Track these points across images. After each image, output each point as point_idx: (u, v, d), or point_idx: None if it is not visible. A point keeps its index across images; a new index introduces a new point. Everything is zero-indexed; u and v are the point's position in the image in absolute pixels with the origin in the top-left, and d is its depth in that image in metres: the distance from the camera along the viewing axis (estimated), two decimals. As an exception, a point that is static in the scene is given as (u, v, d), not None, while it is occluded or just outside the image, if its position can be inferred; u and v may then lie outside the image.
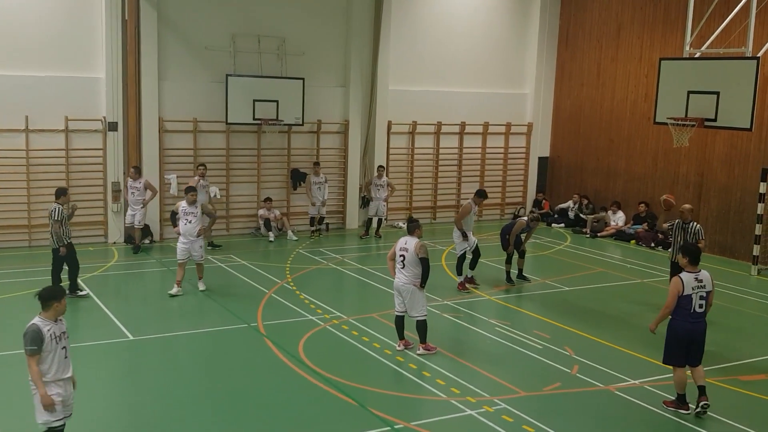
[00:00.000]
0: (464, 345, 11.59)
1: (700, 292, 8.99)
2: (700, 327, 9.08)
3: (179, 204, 13.98)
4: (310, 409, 9.03)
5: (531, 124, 23.18)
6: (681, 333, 9.01)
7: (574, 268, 16.93)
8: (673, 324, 9.09)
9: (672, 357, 9.18)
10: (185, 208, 13.78)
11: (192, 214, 13.74)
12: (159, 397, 9.31)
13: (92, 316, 12.40)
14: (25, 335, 6.78)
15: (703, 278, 9.05)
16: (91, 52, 17.26)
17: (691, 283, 8.98)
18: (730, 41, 15.09)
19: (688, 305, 8.96)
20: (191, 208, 13.80)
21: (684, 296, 8.95)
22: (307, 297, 13.65)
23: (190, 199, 13.83)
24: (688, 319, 8.99)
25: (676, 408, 9.21)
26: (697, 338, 9.08)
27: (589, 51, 22.11)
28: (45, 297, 6.98)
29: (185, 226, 13.69)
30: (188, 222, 13.69)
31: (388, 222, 20.74)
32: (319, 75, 19.70)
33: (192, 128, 18.46)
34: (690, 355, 9.12)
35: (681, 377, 9.18)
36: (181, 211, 13.75)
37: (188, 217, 13.71)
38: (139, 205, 17.00)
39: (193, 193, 13.88)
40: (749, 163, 17.92)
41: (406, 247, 10.71)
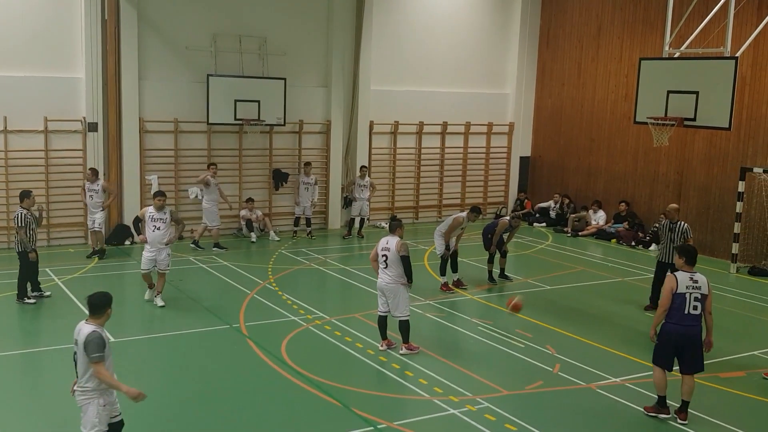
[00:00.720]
0: (447, 344, 11.62)
1: (694, 293, 8.76)
2: (693, 331, 8.79)
3: (145, 210, 13.06)
4: (293, 410, 9.01)
5: (512, 124, 23.28)
6: (672, 335, 8.80)
7: (556, 267, 17.02)
8: (666, 326, 8.89)
9: (659, 358, 9.03)
10: (152, 213, 12.78)
11: (161, 220, 12.76)
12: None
13: (73, 318, 12.18)
14: (89, 343, 6.61)
15: (698, 280, 8.85)
16: (71, 52, 17.12)
17: (685, 281, 8.80)
18: (708, 41, 15.24)
19: (681, 305, 8.75)
20: (159, 213, 12.79)
21: (678, 294, 8.75)
22: (290, 297, 13.62)
23: (157, 204, 12.80)
24: (680, 321, 8.76)
25: (657, 412, 9.08)
26: (691, 342, 8.80)
27: (569, 51, 22.24)
28: (99, 304, 6.88)
29: (153, 233, 12.70)
30: (156, 229, 12.72)
31: (370, 222, 20.74)
32: (301, 75, 19.67)
33: (173, 128, 18.36)
34: (682, 361, 8.89)
35: (660, 378, 9.02)
36: (148, 218, 12.78)
37: (156, 223, 12.74)
38: (99, 208, 16.20)
39: (161, 197, 12.89)
40: (728, 162, 18.10)
41: (387, 247, 10.73)
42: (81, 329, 6.77)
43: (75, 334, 6.81)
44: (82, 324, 6.84)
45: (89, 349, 6.61)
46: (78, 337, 6.74)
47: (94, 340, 6.63)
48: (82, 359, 6.69)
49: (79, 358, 6.72)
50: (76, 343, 6.76)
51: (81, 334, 6.72)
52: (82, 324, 6.84)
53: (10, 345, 11.00)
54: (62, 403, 9.07)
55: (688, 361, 8.88)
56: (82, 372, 6.71)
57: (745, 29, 16.22)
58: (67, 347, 10.63)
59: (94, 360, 6.61)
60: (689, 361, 8.88)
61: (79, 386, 6.77)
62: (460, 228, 14.60)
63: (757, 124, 17.50)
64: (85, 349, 6.61)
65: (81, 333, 6.73)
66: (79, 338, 6.73)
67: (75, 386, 6.84)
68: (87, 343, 6.62)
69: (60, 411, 8.87)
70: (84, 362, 6.67)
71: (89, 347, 6.61)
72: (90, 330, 6.69)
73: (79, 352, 6.68)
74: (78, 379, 6.78)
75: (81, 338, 6.68)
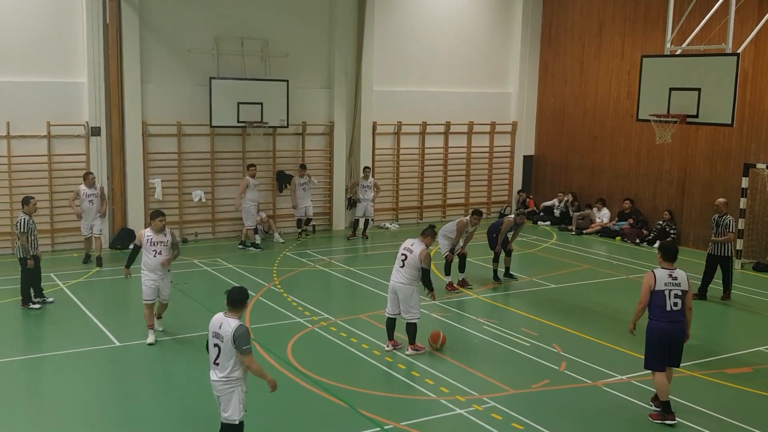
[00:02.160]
0: (453, 344, 11.60)
1: (674, 290, 8.74)
2: (677, 327, 8.81)
3: (141, 233, 11.26)
4: (300, 412, 9.02)
5: (515, 123, 23.27)
6: (658, 333, 8.80)
7: (561, 266, 17.01)
8: (650, 324, 8.87)
9: (651, 360, 8.95)
10: (151, 236, 11.02)
11: (161, 243, 11.01)
12: (147, 403, 9.26)
13: (77, 323, 12.30)
14: (240, 337, 6.99)
15: (678, 276, 8.81)
16: (73, 57, 17.14)
17: (664, 278, 8.77)
18: (710, 38, 15.22)
19: (661, 302, 8.74)
20: (159, 236, 11.02)
21: (656, 292, 8.73)
22: (295, 299, 13.62)
23: (158, 225, 11.03)
24: (663, 318, 8.75)
25: (663, 419, 8.87)
26: (676, 338, 8.82)
27: (571, 49, 22.23)
28: (237, 299, 7.21)
29: (154, 258, 10.99)
30: (157, 254, 10.99)
31: (375, 223, 20.74)
32: (304, 76, 19.68)
33: (176, 132, 18.37)
34: (669, 356, 8.91)
35: (662, 382, 8.90)
36: (146, 242, 11.01)
37: (156, 247, 10.99)
38: (98, 213, 16.11)
39: (162, 217, 11.13)
40: (731, 159, 18.08)
41: (411, 249, 10.74)
42: (223, 323, 7.11)
43: (214, 327, 7.18)
44: (222, 317, 7.17)
45: (240, 342, 7.00)
46: (220, 331, 7.10)
47: (243, 333, 7.03)
48: (228, 351, 7.04)
49: (225, 351, 7.06)
50: (216, 335, 7.13)
51: (225, 327, 7.07)
52: (222, 317, 7.17)
53: (14, 351, 11.01)
54: (66, 408, 9.11)
55: (673, 355, 8.94)
56: (227, 362, 7.07)
57: (747, 25, 16.19)
58: (65, 352, 10.77)
59: (246, 352, 7.04)
60: (673, 356, 8.94)
61: (223, 376, 7.11)
62: (466, 231, 14.63)
63: (759, 120, 17.47)
64: (235, 343, 6.99)
65: (225, 327, 7.08)
66: (222, 331, 7.08)
67: (217, 376, 7.16)
68: (237, 337, 6.99)
69: (64, 416, 8.89)
70: (230, 354, 7.04)
71: (240, 340, 7.00)
72: (237, 324, 7.07)
73: (227, 344, 7.03)
74: (220, 370, 7.12)
75: (227, 332, 7.03)
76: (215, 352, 7.16)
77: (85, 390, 9.65)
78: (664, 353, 8.86)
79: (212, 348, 7.20)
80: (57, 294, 13.67)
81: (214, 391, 7.29)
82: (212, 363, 7.22)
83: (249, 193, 17.90)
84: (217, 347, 7.13)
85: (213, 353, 7.20)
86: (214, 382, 7.23)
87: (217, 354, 7.13)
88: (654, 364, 8.93)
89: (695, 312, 8.68)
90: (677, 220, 19.32)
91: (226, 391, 7.18)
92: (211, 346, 7.23)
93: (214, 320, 7.25)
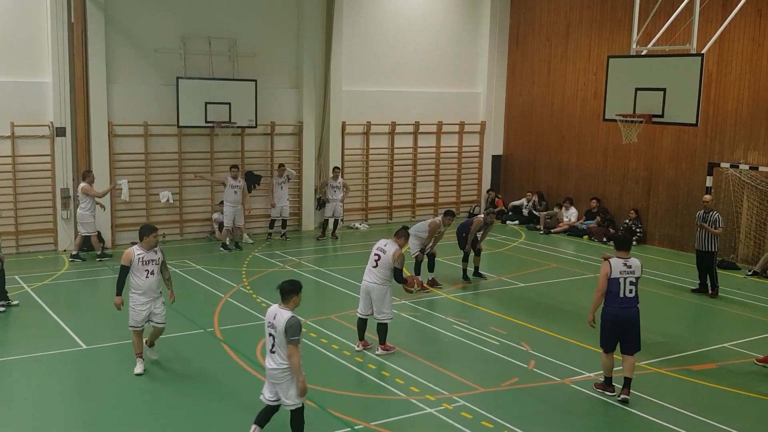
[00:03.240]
0: (423, 343, 11.64)
1: (629, 278, 9.27)
2: (630, 313, 9.32)
3: (130, 252, 9.82)
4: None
5: (484, 123, 23.40)
6: (612, 319, 9.36)
7: (529, 265, 17.14)
8: (605, 310, 9.45)
9: (603, 342, 9.54)
10: (142, 255, 9.79)
11: (153, 262, 9.86)
12: (114, 406, 9.15)
13: (43, 326, 12.11)
14: (291, 327, 7.37)
15: (632, 264, 9.34)
16: (37, 56, 16.87)
17: (619, 267, 9.29)
18: (675, 38, 15.45)
19: (616, 289, 9.25)
20: (151, 254, 9.87)
21: (612, 279, 9.25)
22: (264, 300, 13.54)
23: (151, 241, 9.85)
24: (618, 304, 9.28)
25: (603, 389, 9.61)
26: (629, 324, 9.34)
27: (539, 49, 22.41)
28: (289, 290, 7.61)
29: (146, 280, 9.83)
30: (150, 274, 9.83)
31: (344, 223, 20.71)
32: (272, 76, 19.59)
33: (143, 132, 18.18)
34: (623, 341, 9.41)
35: (607, 362, 9.55)
36: (137, 261, 9.77)
37: (149, 266, 9.82)
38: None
39: (155, 233, 9.94)
40: (696, 158, 18.36)
41: (384, 249, 10.76)
42: (277, 314, 7.52)
43: (269, 318, 7.58)
44: (277, 309, 7.58)
45: (291, 332, 7.38)
46: (274, 321, 7.51)
47: (294, 324, 7.41)
48: (281, 341, 7.46)
49: (279, 340, 7.48)
50: (270, 325, 7.54)
51: (279, 318, 7.47)
52: (277, 309, 7.58)
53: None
54: (32, 412, 8.97)
55: (629, 341, 9.39)
56: (282, 352, 7.48)
57: (711, 26, 16.48)
58: (31, 356, 10.61)
59: (294, 342, 7.40)
60: (629, 342, 9.40)
61: (281, 363, 7.51)
62: (438, 231, 14.68)
63: (723, 119, 17.77)
64: (286, 333, 7.37)
65: (279, 317, 7.48)
66: (275, 322, 7.49)
67: (274, 364, 7.55)
68: (289, 327, 7.37)
69: (29, 420, 8.76)
70: (283, 344, 7.45)
71: (291, 331, 7.38)
72: (290, 315, 7.46)
73: (280, 335, 7.44)
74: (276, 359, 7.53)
75: (280, 322, 7.43)
76: (270, 342, 7.58)
77: (51, 393, 9.50)
78: (616, 337, 9.42)
79: (267, 338, 7.61)
80: (22, 297, 13.45)
81: (270, 379, 7.66)
82: (268, 352, 7.62)
83: (226, 193, 17.76)
84: (271, 337, 7.55)
85: (268, 343, 7.61)
86: (271, 371, 7.61)
87: (272, 343, 7.56)
88: (603, 345, 9.56)
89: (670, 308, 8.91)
90: (643, 219, 19.58)
91: (284, 379, 7.58)
92: (266, 336, 7.64)
93: (269, 311, 7.65)
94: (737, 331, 12.60)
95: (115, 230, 17.98)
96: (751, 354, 11.23)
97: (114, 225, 17.92)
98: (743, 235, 17.39)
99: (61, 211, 17.28)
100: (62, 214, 17.30)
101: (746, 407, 9.51)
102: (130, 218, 18.16)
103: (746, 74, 17.27)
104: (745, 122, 17.36)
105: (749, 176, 17.09)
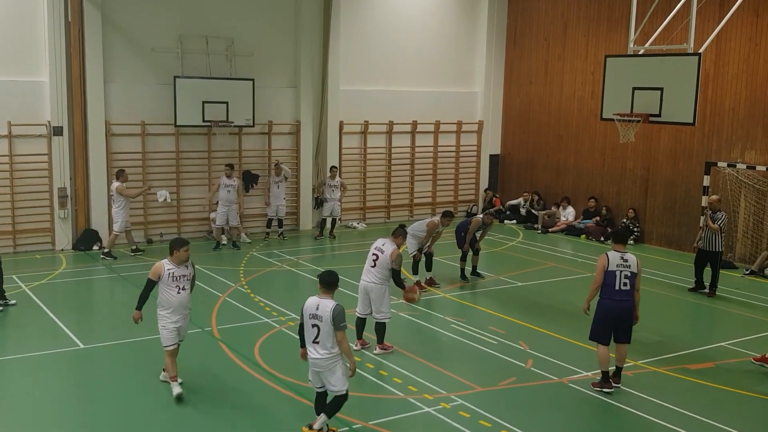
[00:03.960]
0: (420, 343, 11.65)
1: (624, 271, 9.48)
2: (624, 305, 9.52)
3: (160, 266, 9.08)
4: (268, 412, 8.98)
5: (481, 122, 23.41)
6: (606, 310, 9.54)
7: (527, 264, 17.15)
8: (600, 302, 9.65)
9: (596, 334, 9.70)
10: (173, 270, 9.09)
11: (184, 277, 9.20)
12: (112, 406, 9.13)
13: (40, 325, 12.10)
14: (338, 314, 7.83)
15: (628, 259, 9.55)
16: (34, 56, 16.84)
17: (616, 260, 9.51)
18: (672, 38, 15.46)
19: (612, 282, 9.47)
20: (182, 269, 9.18)
21: (609, 272, 9.48)
22: (262, 299, 13.55)
23: (182, 255, 9.09)
24: (612, 296, 9.49)
25: (601, 387, 9.65)
26: (622, 316, 9.53)
27: (536, 49, 22.42)
28: (330, 281, 8.08)
29: (178, 296, 9.11)
30: (181, 290, 9.15)
31: (342, 222, 20.71)
32: (269, 76, 19.58)
33: (140, 131, 18.16)
34: (616, 332, 9.61)
35: (604, 354, 9.64)
36: (167, 276, 9.06)
37: (180, 282, 9.13)
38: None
39: (186, 246, 9.19)
40: (693, 157, 18.38)
41: (382, 249, 10.78)
42: (320, 304, 7.90)
43: (311, 309, 7.93)
44: (318, 299, 7.95)
45: (338, 319, 7.83)
46: (318, 312, 7.88)
47: (340, 311, 7.87)
48: (328, 330, 7.84)
49: (325, 329, 7.85)
50: (314, 316, 7.88)
51: (323, 308, 7.87)
52: (318, 299, 7.95)
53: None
54: (29, 412, 8.96)
55: (621, 332, 9.62)
56: (327, 340, 7.88)
57: (708, 25, 16.48)
58: (28, 355, 10.59)
59: (342, 328, 7.86)
60: (622, 333, 9.62)
61: (326, 353, 7.90)
62: (436, 231, 14.69)
63: (720, 119, 17.79)
64: (334, 320, 7.81)
65: (323, 307, 7.88)
66: (320, 312, 7.86)
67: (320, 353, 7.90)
68: (336, 315, 7.82)
69: (27, 420, 8.75)
70: (330, 332, 7.85)
71: (338, 318, 7.83)
72: (334, 304, 7.89)
73: (326, 323, 7.83)
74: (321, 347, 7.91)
75: (326, 311, 7.83)
76: (314, 332, 7.91)
77: (48, 393, 9.49)
78: (610, 329, 9.60)
79: (310, 329, 7.94)
80: (19, 296, 13.43)
81: (314, 368, 8.00)
82: (311, 342, 7.94)
83: (220, 192, 17.74)
84: (316, 327, 7.88)
85: (311, 333, 7.93)
86: (316, 360, 7.95)
87: (317, 333, 7.89)
88: (598, 337, 9.69)
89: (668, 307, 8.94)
90: (641, 218, 19.60)
91: (330, 366, 7.95)
92: (308, 327, 7.96)
93: (309, 304, 7.98)
94: (734, 330, 12.62)
95: (112, 230, 17.93)
96: (749, 353, 11.25)
97: (110, 224, 17.88)
98: (740, 234, 17.41)
99: (59, 210, 17.26)
100: (59, 214, 17.28)
101: (743, 406, 9.53)
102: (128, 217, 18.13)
103: (743, 74, 17.30)
104: (742, 121, 17.39)
105: (746, 175, 17.11)
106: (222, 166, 18.50)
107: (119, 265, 16.12)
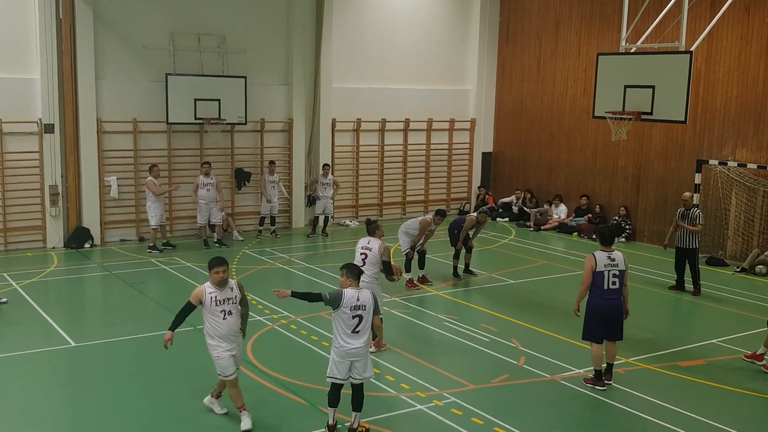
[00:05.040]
0: (413, 340, 11.65)
1: (612, 270, 9.54)
2: (614, 303, 9.61)
3: (201, 291, 8.29)
4: (260, 410, 8.95)
5: (474, 120, 23.43)
6: (596, 309, 9.61)
7: (519, 261, 17.18)
8: (590, 301, 9.69)
9: (589, 333, 9.77)
10: (215, 293, 8.24)
11: (230, 301, 8.34)
12: (104, 404, 9.11)
13: (32, 323, 12.06)
14: (375, 300, 8.33)
15: (615, 257, 9.61)
16: (25, 52, 16.77)
17: (603, 260, 9.57)
18: (664, 36, 15.52)
19: (600, 282, 9.53)
20: (226, 291, 8.32)
21: (597, 272, 9.54)
22: (255, 297, 13.52)
23: (222, 277, 8.22)
24: (602, 296, 9.56)
25: (594, 384, 9.72)
26: (613, 313, 9.61)
27: (529, 47, 22.45)
28: (360, 271, 8.44)
29: (223, 321, 8.27)
30: (227, 314, 8.29)
31: (334, 220, 20.70)
32: (262, 73, 19.54)
33: (132, 129, 18.10)
34: (607, 330, 9.68)
35: (597, 353, 9.71)
36: (209, 301, 8.23)
37: (225, 306, 8.28)
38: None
39: (223, 267, 8.24)
40: (684, 155, 18.45)
41: (369, 247, 10.81)
42: (359, 294, 8.13)
43: (352, 301, 8.06)
44: (355, 290, 8.15)
45: (377, 305, 8.47)
46: (360, 302, 8.10)
47: (377, 300, 8.44)
48: (369, 317, 8.21)
49: (367, 317, 8.16)
50: (357, 307, 8.08)
51: (363, 297, 8.15)
52: (355, 290, 8.15)
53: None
54: (21, 410, 8.93)
55: (612, 330, 9.71)
56: (367, 329, 8.21)
57: (699, 24, 16.53)
58: (19, 354, 10.55)
59: (378, 312, 8.74)
60: (612, 330, 9.72)
61: (365, 340, 8.20)
62: (429, 230, 14.70)
63: (712, 116, 17.86)
64: (376, 307, 8.35)
65: (363, 296, 8.15)
66: (362, 302, 8.12)
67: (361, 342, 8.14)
68: (375, 302, 8.32)
69: (18, 418, 8.72)
70: (370, 319, 8.25)
71: (378, 304, 8.49)
72: (370, 292, 8.31)
73: (369, 311, 8.16)
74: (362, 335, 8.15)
75: (367, 300, 8.15)
76: (355, 323, 8.09)
77: (40, 391, 9.47)
78: (601, 327, 9.66)
79: (352, 320, 8.07)
80: (11, 294, 13.38)
81: (352, 357, 8.10)
82: (350, 333, 8.09)
83: (200, 191, 17.61)
84: (358, 317, 8.08)
85: (351, 324, 8.08)
86: (357, 349, 8.10)
87: (358, 322, 8.09)
88: (591, 336, 9.77)
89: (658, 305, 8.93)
90: (632, 215, 19.66)
91: (366, 354, 8.25)
92: (347, 320, 8.07)
93: (349, 296, 8.06)
94: (725, 327, 12.67)
95: (104, 228, 17.90)
96: (740, 350, 11.30)
97: (103, 222, 17.84)
98: (731, 232, 17.49)
99: (50, 208, 17.18)
100: (51, 211, 17.20)
101: (735, 403, 9.57)
102: (119, 215, 18.13)
103: (734, 72, 17.36)
104: (734, 119, 17.45)
105: (737, 173, 17.18)
106: (214, 163, 18.46)
107: (111, 262, 16.07)
